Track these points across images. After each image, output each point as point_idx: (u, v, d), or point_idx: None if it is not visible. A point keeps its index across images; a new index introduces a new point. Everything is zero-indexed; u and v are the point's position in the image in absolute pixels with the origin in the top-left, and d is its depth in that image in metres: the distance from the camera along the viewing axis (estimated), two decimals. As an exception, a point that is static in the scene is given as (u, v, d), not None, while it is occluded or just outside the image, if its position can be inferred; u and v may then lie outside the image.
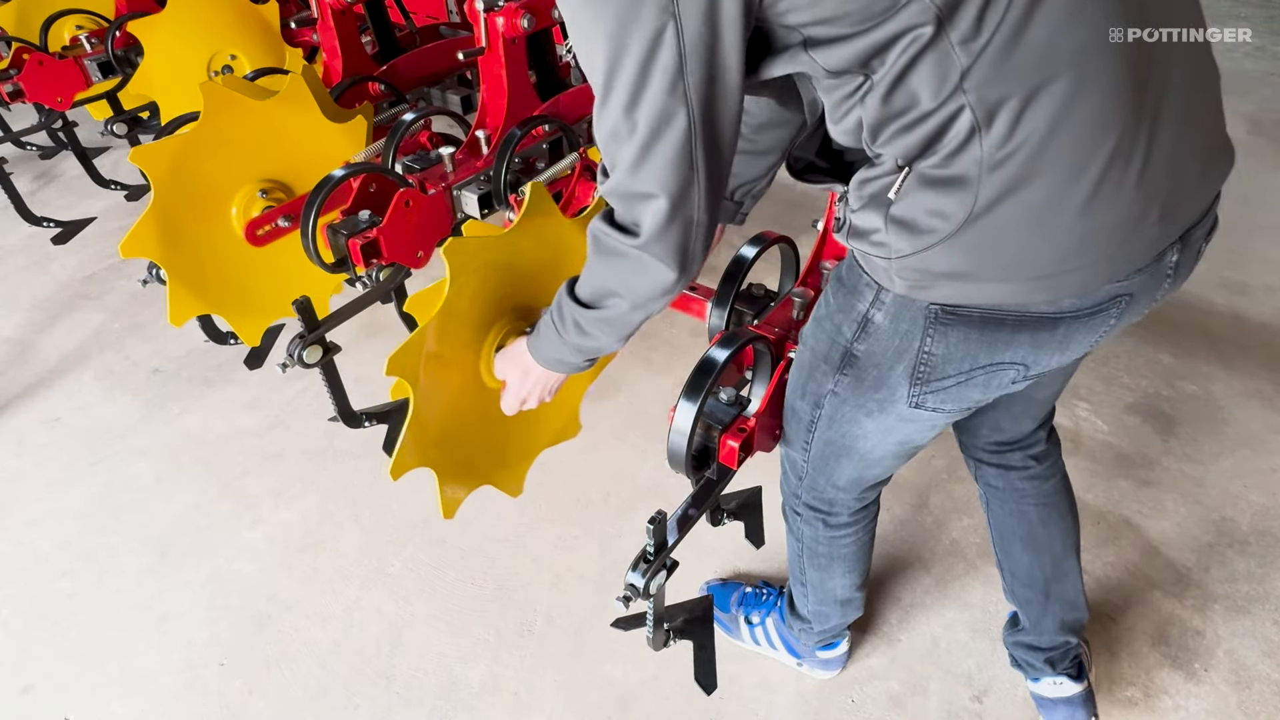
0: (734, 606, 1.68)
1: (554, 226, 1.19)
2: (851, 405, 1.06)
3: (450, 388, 1.18)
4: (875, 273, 0.93)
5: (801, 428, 1.16)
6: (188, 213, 1.57)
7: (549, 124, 1.70)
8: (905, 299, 0.92)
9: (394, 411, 1.70)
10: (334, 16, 1.91)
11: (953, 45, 0.71)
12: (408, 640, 1.72)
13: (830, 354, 1.04)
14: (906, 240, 0.84)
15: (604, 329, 1.00)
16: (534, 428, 1.38)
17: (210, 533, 1.95)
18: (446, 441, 1.20)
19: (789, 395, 1.18)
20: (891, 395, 1.01)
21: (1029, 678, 1.51)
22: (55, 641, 1.74)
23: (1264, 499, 1.95)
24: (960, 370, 0.94)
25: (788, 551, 1.44)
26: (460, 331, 1.15)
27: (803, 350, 1.11)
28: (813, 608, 1.47)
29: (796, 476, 1.27)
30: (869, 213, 0.86)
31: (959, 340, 0.91)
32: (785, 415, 1.21)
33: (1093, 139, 0.75)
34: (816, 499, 1.28)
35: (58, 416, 2.28)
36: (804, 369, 1.11)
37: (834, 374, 1.05)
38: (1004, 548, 1.45)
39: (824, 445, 1.16)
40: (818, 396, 1.10)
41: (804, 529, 1.34)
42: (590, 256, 0.95)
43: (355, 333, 2.49)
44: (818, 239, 1.37)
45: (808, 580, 1.42)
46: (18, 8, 2.48)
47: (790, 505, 1.34)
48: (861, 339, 0.99)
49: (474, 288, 1.12)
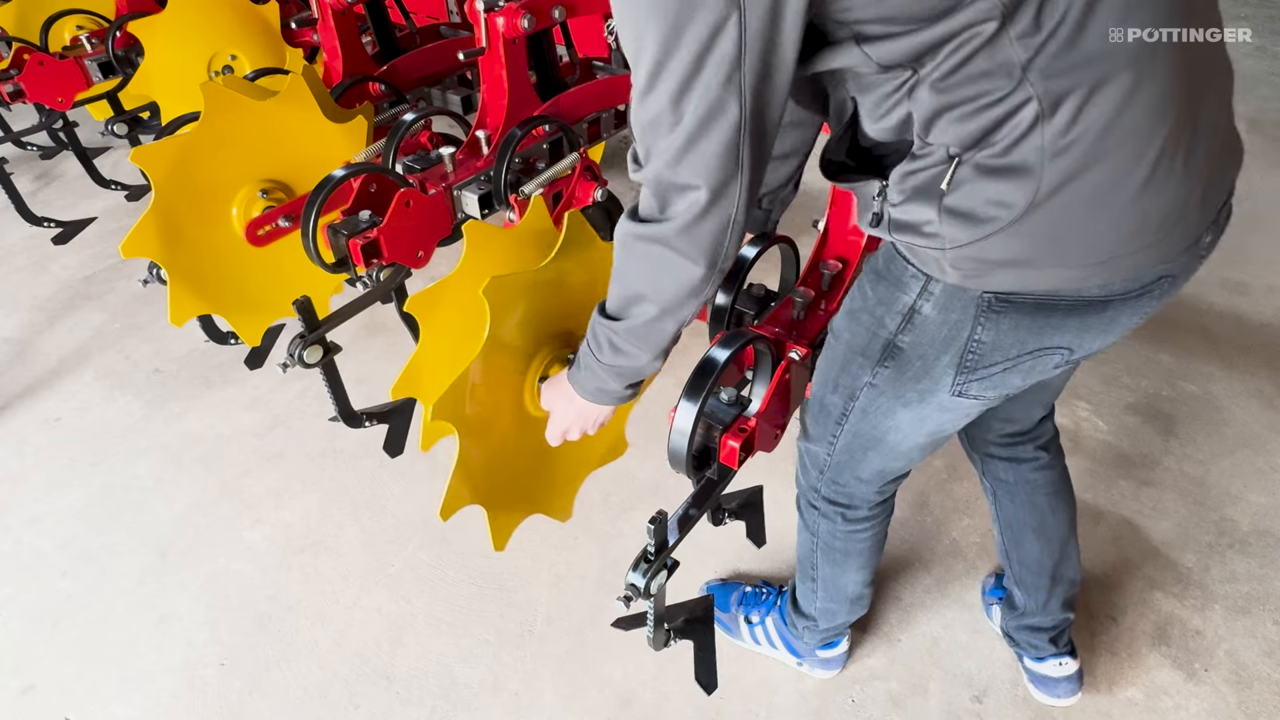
0: (734, 606, 1.68)
1: (592, 252, 1.19)
2: (889, 397, 1.06)
3: (496, 422, 1.17)
4: (924, 264, 0.92)
5: (830, 421, 1.16)
6: (188, 213, 1.57)
7: (549, 124, 1.70)
8: (957, 289, 0.91)
9: (394, 411, 1.70)
10: (334, 17, 1.91)
11: (1012, 40, 0.71)
12: (408, 640, 1.72)
13: (869, 347, 1.03)
14: (963, 230, 0.83)
15: (636, 342, 0.97)
16: (581, 452, 1.37)
17: (210, 533, 1.95)
18: (495, 476, 1.19)
19: (816, 390, 1.17)
20: (935, 385, 1.00)
21: (1031, 658, 1.54)
22: (55, 641, 1.74)
23: (1264, 499, 1.95)
24: (1008, 357, 0.94)
25: (798, 548, 1.44)
26: (503, 367, 1.14)
27: (834, 345, 1.10)
28: (821, 605, 1.46)
29: (817, 470, 1.26)
30: (917, 205, 0.85)
31: (1010, 327, 0.91)
32: (811, 410, 1.20)
33: (1150, 126, 0.76)
34: (837, 493, 1.27)
35: (58, 416, 2.28)
36: (836, 363, 1.10)
37: (873, 366, 1.04)
38: (1014, 539, 1.46)
39: (852, 438, 1.15)
40: (852, 390, 1.09)
41: (821, 523, 1.33)
42: (616, 262, 0.94)
43: (356, 333, 2.49)
44: (818, 239, 1.37)
45: (819, 576, 1.42)
46: (18, 8, 2.48)
47: (808, 499, 1.33)
48: (907, 330, 0.98)
49: (516, 323, 1.12)
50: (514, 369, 1.16)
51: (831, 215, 1.36)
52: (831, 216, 1.36)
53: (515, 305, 1.09)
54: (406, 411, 1.71)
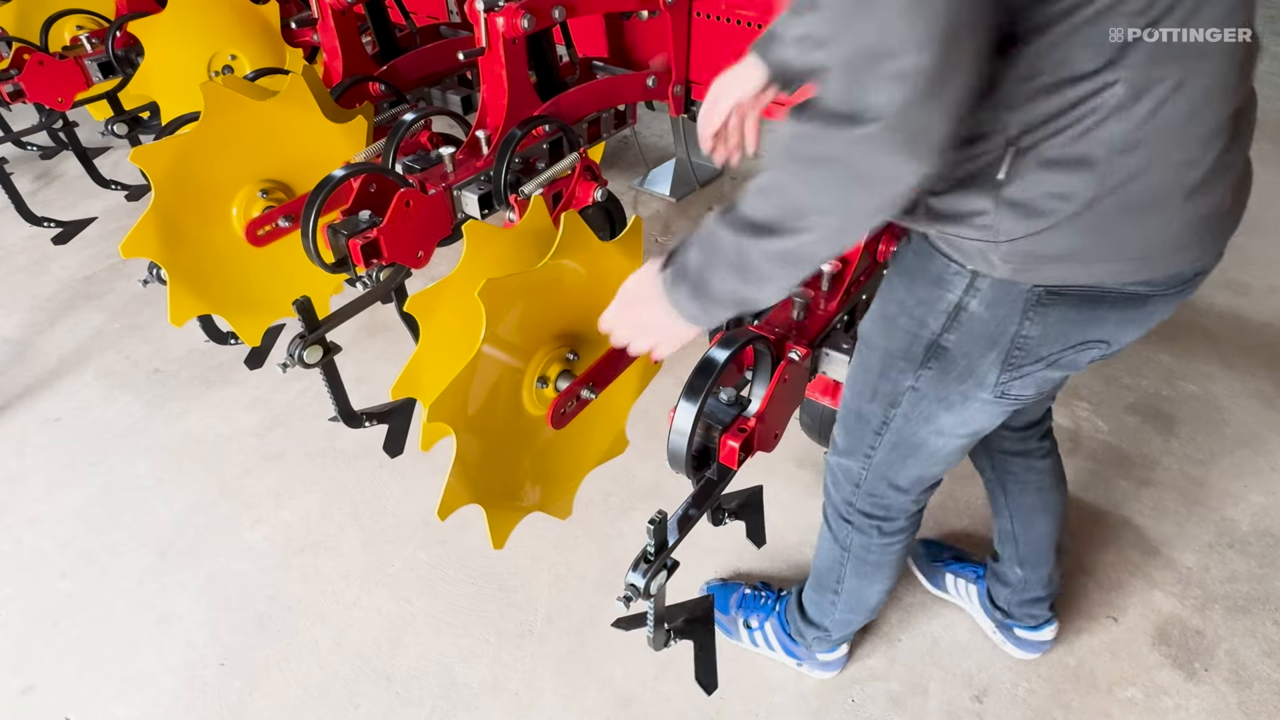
0: (733, 608, 1.68)
1: (590, 252, 1.18)
2: (932, 400, 1.03)
3: (495, 422, 1.17)
4: (968, 257, 0.89)
5: (868, 432, 1.13)
6: (188, 213, 1.57)
7: (549, 124, 1.70)
8: (1006, 283, 0.88)
9: (394, 411, 1.70)
10: (334, 17, 1.91)
11: (1122, 14, 0.69)
12: (408, 640, 1.72)
13: (910, 349, 1.01)
14: (1020, 223, 0.81)
15: (784, 266, 0.81)
16: (581, 450, 1.37)
17: (210, 533, 1.95)
18: (493, 475, 1.19)
19: (851, 402, 1.14)
20: (979, 384, 0.98)
21: (1027, 629, 1.59)
22: (55, 641, 1.74)
23: (1264, 499, 1.95)
24: (1052, 352, 0.93)
25: (820, 561, 1.42)
26: (501, 367, 1.14)
27: (868, 352, 1.08)
28: (840, 616, 1.45)
29: (852, 484, 1.24)
30: (967, 194, 0.82)
31: (1056, 321, 0.90)
32: (844, 423, 1.18)
33: (1212, 129, 0.77)
34: (874, 505, 1.25)
35: (58, 416, 2.28)
36: (873, 370, 1.07)
37: (915, 369, 1.02)
38: (1025, 523, 1.48)
39: (891, 448, 1.13)
40: (893, 396, 1.06)
41: (854, 538, 1.30)
42: (778, 169, 0.77)
43: (355, 333, 2.49)
44: (818, 239, 1.37)
45: (843, 589, 1.39)
46: (18, 8, 2.48)
47: (841, 514, 1.30)
48: (952, 329, 0.96)
49: (514, 324, 1.11)
50: (513, 369, 1.16)
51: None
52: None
53: (512, 306, 1.09)
54: (406, 411, 1.71)
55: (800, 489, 2.02)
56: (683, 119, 2.23)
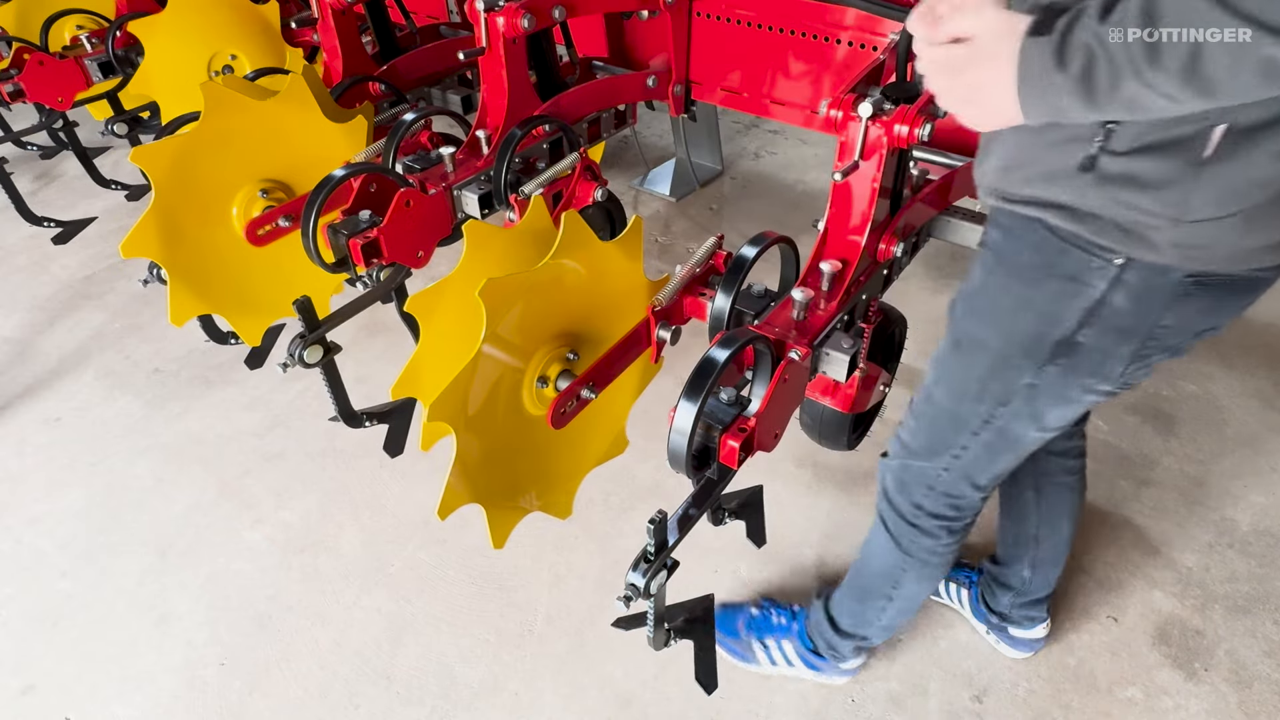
0: (742, 632, 1.64)
1: (590, 251, 1.18)
2: (1051, 395, 1.00)
3: (495, 421, 1.16)
4: (1122, 240, 0.82)
5: (963, 433, 1.10)
6: (188, 213, 1.57)
7: (549, 124, 1.70)
8: (1158, 271, 0.83)
9: (394, 411, 1.69)
10: (334, 16, 1.91)
11: None
12: (408, 640, 1.72)
13: (1035, 346, 0.97)
14: (1212, 204, 0.75)
15: (1263, 81, 0.63)
16: (581, 450, 1.37)
17: (210, 533, 1.95)
18: (493, 475, 1.19)
19: (943, 404, 1.11)
20: (1105, 377, 0.96)
21: (1024, 628, 1.59)
22: (55, 641, 1.74)
23: (1264, 499, 1.95)
24: (1180, 340, 0.92)
25: (874, 568, 1.38)
26: (502, 367, 1.13)
27: (973, 353, 1.03)
28: (888, 621, 1.43)
29: (925, 487, 1.21)
30: (1160, 161, 0.75)
31: (1194, 309, 0.88)
32: (928, 427, 1.14)
33: None
34: (948, 506, 1.22)
35: (58, 416, 2.28)
36: (980, 369, 1.03)
37: (1038, 366, 0.98)
38: (1052, 527, 1.48)
39: (985, 447, 1.10)
40: (1004, 395, 1.03)
41: (923, 542, 1.27)
42: None
43: (356, 333, 2.49)
44: (818, 239, 1.37)
45: (899, 594, 1.37)
46: (18, 8, 2.48)
47: (906, 519, 1.27)
48: (1089, 324, 0.91)
49: (514, 324, 1.11)
50: (513, 369, 1.16)
51: (831, 215, 1.36)
52: (831, 217, 1.36)
53: (513, 306, 1.09)
54: (406, 411, 1.71)
55: (800, 489, 2.02)
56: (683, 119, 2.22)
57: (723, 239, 1.36)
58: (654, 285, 1.30)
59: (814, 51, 1.85)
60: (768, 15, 1.86)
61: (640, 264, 1.28)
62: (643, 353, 1.28)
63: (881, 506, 1.32)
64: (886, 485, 1.29)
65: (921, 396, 1.18)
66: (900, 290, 2.57)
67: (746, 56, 1.96)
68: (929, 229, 1.57)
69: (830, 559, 1.86)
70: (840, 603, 1.50)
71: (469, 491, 1.13)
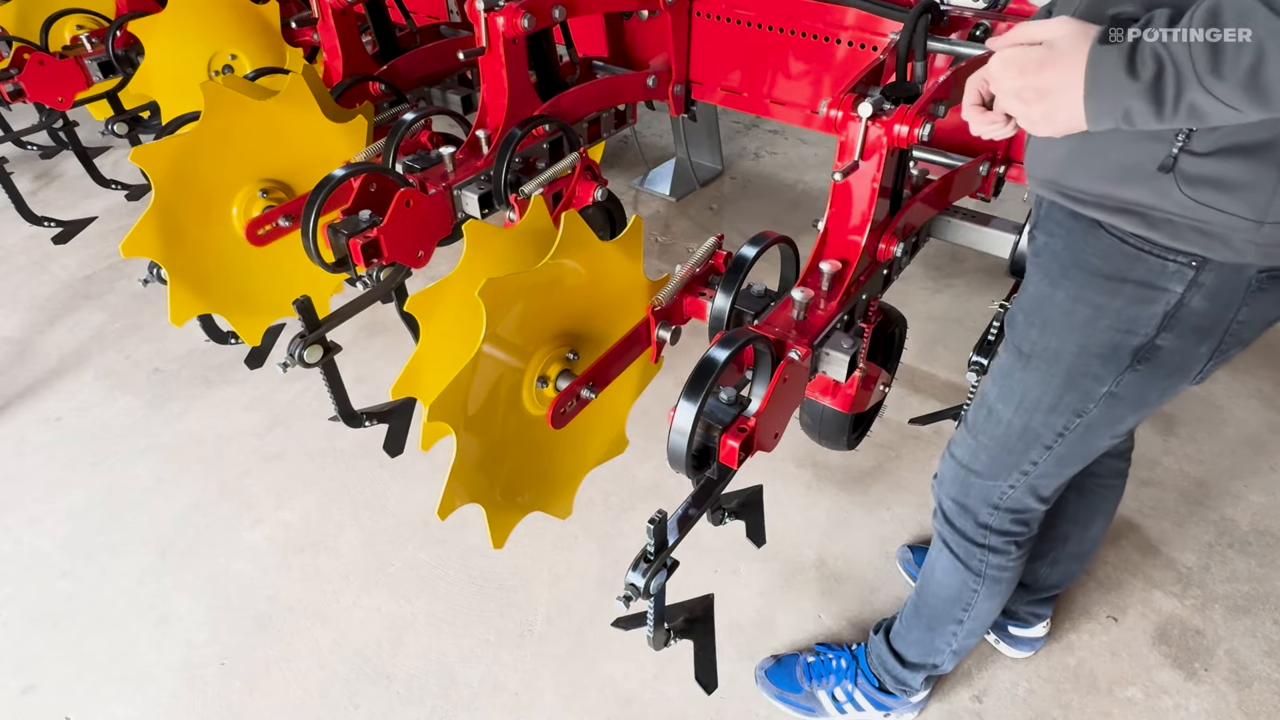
0: (803, 682, 1.58)
1: (590, 252, 1.18)
2: (1129, 401, 0.99)
3: (495, 421, 1.16)
4: (1201, 242, 0.81)
5: (1035, 448, 1.08)
6: (188, 212, 1.57)
7: (549, 124, 1.70)
8: (1233, 271, 0.83)
9: (394, 411, 1.69)
10: (334, 16, 1.91)
11: None
12: (408, 640, 1.72)
13: (1114, 355, 0.95)
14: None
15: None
16: (581, 450, 1.37)
17: (210, 533, 1.95)
18: (493, 475, 1.19)
19: (1013, 419, 1.08)
20: (1184, 376, 0.96)
21: (1026, 627, 1.59)
22: (55, 641, 1.74)
23: (1264, 499, 1.95)
24: (1254, 332, 0.92)
25: (941, 594, 1.35)
26: (501, 367, 1.13)
27: (1046, 366, 1.01)
28: (960, 644, 1.40)
29: (989, 507, 1.18)
30: (1244, 163, 0.75)
31: (1269, 301, 0.88)
32: (997, 445, 1.11)
33: None
34: (1014, 521, 1.20)
35: (58, 416, 2.28)
36: (1053, 383, 1.01)
37: (1117, 374, 0.97)
38: (1084, 526, 1.46)
39: (1058, 460, 1.08)
40: (1081, 406, 1.01)
41: (991, 559, 1.25)
42: None
43: (356, 333, 2.49)
44: (818, 239, 1.37)
45: (970, 617, 1.34)
46: (18, 8, 2.48)
47: (974, 540, 1.24)
48: (1170, 328, 0.90)
49: (514, 324, 1.11)
50: (513, 369, 1.16)
51: (831, 215, 1.36)
52: (831, 217, 1.36)
53: (512, 305, 1.09)
54: (406, 411, 1.71)
55: (800, 489, 2.02)
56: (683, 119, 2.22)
57: (723, 239, 1.36)
58: (654, 285, 1.30)
59: (814, 51, 1.85)
60: (768, 15, 1.86)
61: (640, 264, 1.28)
62: (642, 353, 1.28)
63: (943, 531, 1.28)
64: (945, 509, 1.25)
65: (981, 414, 1.14)
66: (900, 290, 2.57)
67: (746, 56, 1.96)
68: (929, 229, 1.57)
69: (830, 559, 1.86)
70: (904, 635, 1.46)
71: (469, 491, 1.13)
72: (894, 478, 2.04)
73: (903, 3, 1.65)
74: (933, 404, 2.24)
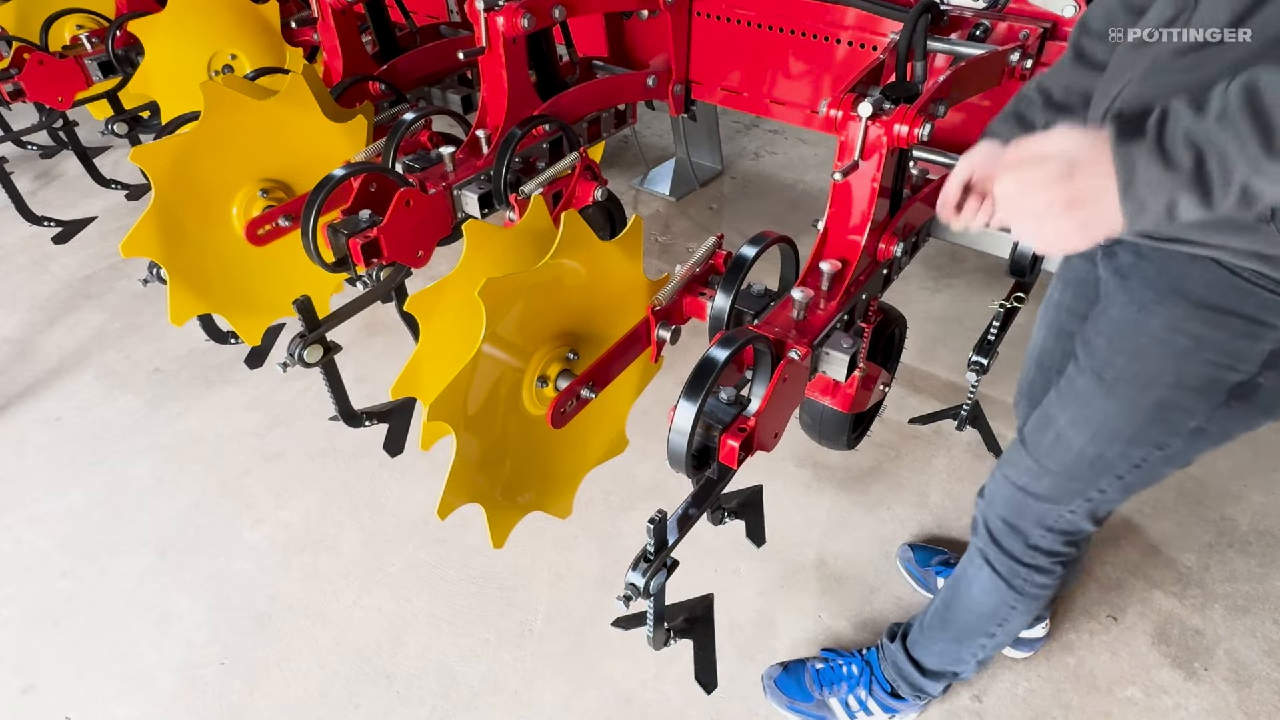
0: (814, 690, 1.57)
1: (590, 251, 1.18)
2: (1214, 436, 0.97)
3: (495, 421, 1.16)
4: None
5: (1106, 477, 1.05)
6: (188, 212, 1.57)
7: (549, 123, 1.70)
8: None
9: (394, 411, 1.69)
10: (334, 16, 1.91)
11: None
12: (408, 640, 1.72)
13: (1210, 390, 0.92)
14: None
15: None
16: (581, 450, 1.37)
17: (210, 533, 1.95)
18: (493, 475, 1.19)
19: (1085, 448, 1.04)
20: (1271, 416, 0.94)
21: (1026, 627, 1.54)
22: (55, 641, 1.74)
23: (1264, 499, 1.95)
24: None
25: (976, 610, 1.33)
26: (501, 367, 1.13)
27: (1132, 395, 0.97)
28: (985, 655, 1.39)
29: (1043, 529, 1.16)
30: None
31: None
32: (1066, 472, 1.08)
33: None
34: (1065, 543, 1.18)
35: (58, 416, 2.28)
36: (1140, 413, 0.98)
37: (1210, 409, 0.94)
38: None
39: (1126, 489, 1.06)
40: (1165, 439, 0.98)
41: (1035, 578, 1.23)
42: None
43: (356, 332, 2.49)
44: (818, 239, 1.37)
45: (1004, 631, 1.33)
46: (18, 7, 2.48)
47: (1022, 561, 1.22)
48: (1274, 364, 0.88)
49: (514, 323, 1.11)
50: (512, 368, 1.16)
51: (831, 215, 1.36)
52: (831, 217, 1.36)
53: (512, 305, 1.09)
54: (406, 411, 1.71)
55: (800, 488, 2.02)
56: (683, 118, 2.22)
57: (722, 239, 1.36)
58: (654, 285, 1.30)
59: (814, 51, 1.85)
60: (768, 15, 1.86)
61: (640, 264, 1.28)
62: (642, 352, 1.28)
63: (987, 550, 1.25)
64: (992, 528, 1.22)
65: (1047, 438, 1.10)
66: (900, 290, 2.57)
67: (746, 56, 1.96)
68: (929, 229, 1.57)
69: (830, 559, 1.86)
70: (926, 644, 1.45)
71: (469, 491, 1.13)
72: (894, 478, 2.04)
73: (903, 3, 1.65)
74: (933, 404, 2.24)
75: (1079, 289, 1.18)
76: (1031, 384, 1.38)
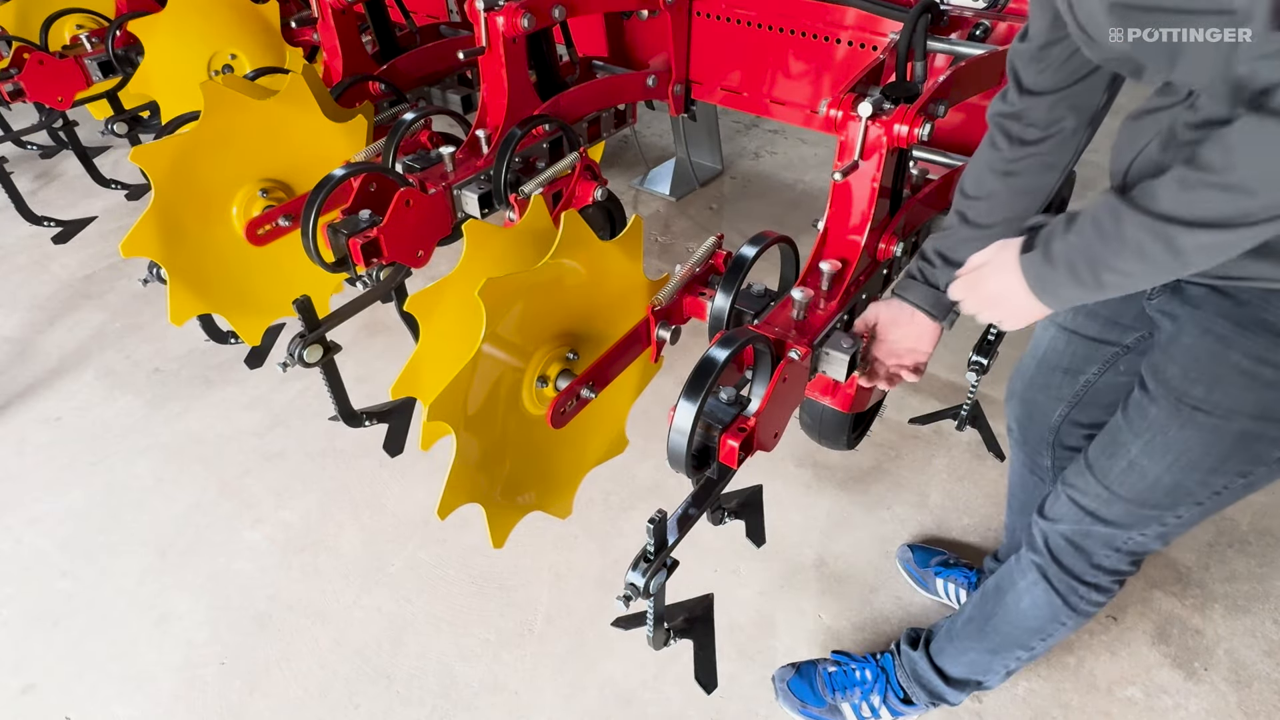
0: (826, 694, 1.57)
1: (590, 251, 1.18)
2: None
3: (495, 421, 1.16)
4: None
5: (1182, 505, 1.05)
6: (188, 212, 1.57)
7: (549, 123, 1.70)
8: None
9: (394, 411, 1.69)
10: (334, 16, 1.91)
11: None
12: (408, 639, 1.72)
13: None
14: None
15: (1211, 255, 0.74)
16: (581, 450, 1.37)
17: (210, 533, 1.95)
18: (493, 474, 1.19)
19: (1162, 476, 1.03)
20: None
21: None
22: (55, 641, 1.74)
23: (1264, 498, 1.95)
24: None
25: (1023, 625, 1.30)
26: (501, 366, 1.13)
27: (1214, 425, 0.96)
28: (1018, 667, 1.38)
29: (1109, 549, 1.15)
30: None
31: None
32: (1140, 498, 1.07)
33: None
34: (1130, 563, 1.17)
35: (58, 416, 2.28)
36: (1224, 441, 0.97)
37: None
38: None
39: (1204, 513, 1.06)
40: (1248, 468, 0.98)
41: (1094, 596, 1.21)
42: (1242, 168, 0.69)
43: (356, 332, 2.49)
44: (818, 239, 1.37)
45: (1045, 644, 1.32)
46: (18, 7, 2.48)
47: (1082, 580, 1.20)
48: None
49: (513, 323, 1.11)
50: (512, 368, 1.16)
51: (831, 215, 1.36)
52: (831, 216, 1.36)
53: (512, 305, 1.09)
54: (406, 411, 1.71)
55: (800, 488, 2.02)
56: (683, 118, 2.22)
57: (722, 238, 1.36)
58: (654, 285, 1.30)
59: (814, 51, 1.85)
60: (768, 15, 1.86)
61: (640, 264, 1.28)
62: (642, 352, 1.28)
63: (1045, 566, 1.23)
64: (1053, 545, 1.21)
65: (1119, 465, 1.08)
66: (900, 290, 2.57)
67: (746, 56, 1.96)
68: (929, 229, 1.57)
69: (830, 559, 1.86)
70: (954, 653, 1.43)
71: (469, 491, 1.13)
72: (894, 477, 2.04)
73: (903, 3, 1.65)
74: (933, 404, 2.24)
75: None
76: (1030, 383, 1.37)
